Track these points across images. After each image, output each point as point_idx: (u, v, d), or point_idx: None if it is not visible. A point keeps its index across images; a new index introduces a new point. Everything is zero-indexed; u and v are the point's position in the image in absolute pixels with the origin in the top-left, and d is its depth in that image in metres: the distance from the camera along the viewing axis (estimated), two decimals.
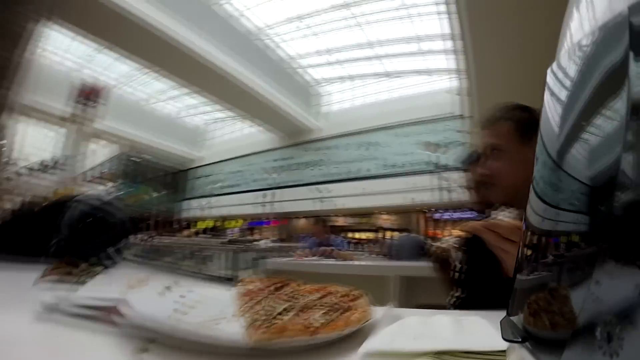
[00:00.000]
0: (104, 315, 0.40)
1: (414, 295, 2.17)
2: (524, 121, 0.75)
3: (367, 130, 12.35)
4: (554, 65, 0.31)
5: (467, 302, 0.79)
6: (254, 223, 14.54)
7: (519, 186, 0.70)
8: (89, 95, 10.40)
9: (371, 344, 0.34)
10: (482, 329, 0.40)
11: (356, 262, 2.92)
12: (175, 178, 17.31)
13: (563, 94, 0.28)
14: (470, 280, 0.81)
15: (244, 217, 14.78)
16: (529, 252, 0.33)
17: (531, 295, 0.30)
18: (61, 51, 12.50)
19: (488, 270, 0.71)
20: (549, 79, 0.32)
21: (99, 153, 13.87)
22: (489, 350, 0.31)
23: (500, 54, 3.86)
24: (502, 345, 0.32)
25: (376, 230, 12.93)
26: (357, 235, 12.76)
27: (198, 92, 12.01)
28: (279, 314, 0.39)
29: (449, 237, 1.32)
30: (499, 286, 0.66)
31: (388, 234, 12.16)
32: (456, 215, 12.27)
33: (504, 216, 0.57)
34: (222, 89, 10.71)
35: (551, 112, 0.31)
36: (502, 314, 0.40)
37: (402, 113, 11.98)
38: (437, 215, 12.31)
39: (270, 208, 13.23)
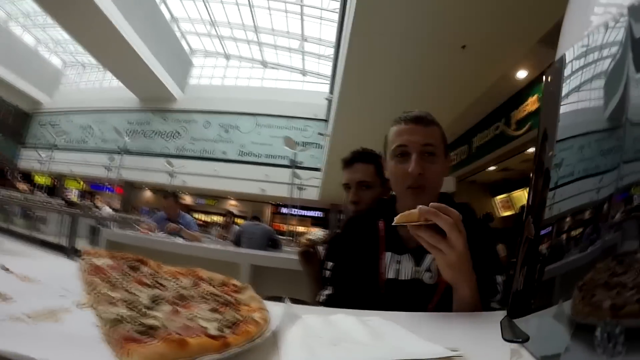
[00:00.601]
0: None
1: (262, 286, 2.10)
2: (444, 135, 0.76)
3: (230, 112, 12.14)
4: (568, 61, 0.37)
5: (337, 299, 0.77)
6: (96, 187, 13.13)
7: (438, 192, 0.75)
8: None
9: (293, 357, 0.29)
10: (399, 333, 0.38)
11: (206, 245, 2.73)
12: (16, 120, 14.80)
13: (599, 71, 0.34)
14: (339, 277, 0.80)
15: (86, 178, 13.25)
16: (578, 232, 0.33)
17: (587, 274, 0.29)
18: None
19: (358, 269, 0.74)
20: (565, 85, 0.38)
21: None
22: (438, 357, 0.30)
23: (373, 71, 3.99)
24: (441, 351, 0.31)
25: (224, 215, 12.79)
26: (202, 217, 12.46)
27: (64, 26, 10.16)
28: (148, 307, 0.31)
29: (317, 231, 1.26)
30: (371, 285, 0.72)
31: (237, 221, 12.15)
32: (302, 212, 12.91)
33: None
34: (91, 28, 9.33)
35: (583, 95, 0.36)
36: (404, 315, 0.46)
37: (269, 104, 12.09)
38: (284, 210, 12.74)
39: (116, 173, 12.11)
